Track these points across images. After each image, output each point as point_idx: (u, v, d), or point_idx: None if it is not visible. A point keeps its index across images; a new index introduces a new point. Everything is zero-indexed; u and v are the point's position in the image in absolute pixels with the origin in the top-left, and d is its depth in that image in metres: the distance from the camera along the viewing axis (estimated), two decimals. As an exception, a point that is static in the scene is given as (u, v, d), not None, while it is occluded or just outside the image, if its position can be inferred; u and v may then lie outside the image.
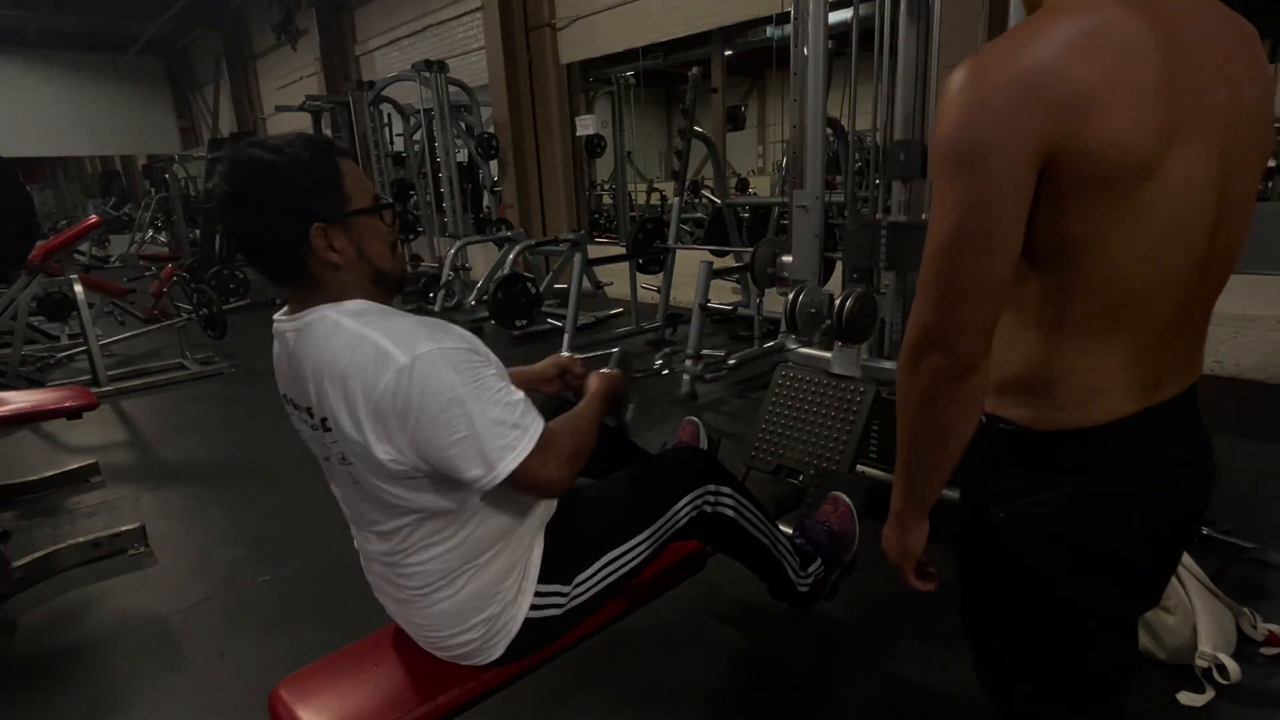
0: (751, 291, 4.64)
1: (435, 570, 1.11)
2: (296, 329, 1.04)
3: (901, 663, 1.77)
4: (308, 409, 1.07)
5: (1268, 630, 1.70)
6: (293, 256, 1.01)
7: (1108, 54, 0.64)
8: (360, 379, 0.96)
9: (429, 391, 0.95)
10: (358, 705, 1.13)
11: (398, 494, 1.05)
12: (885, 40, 2.23)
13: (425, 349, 0.96)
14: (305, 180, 0.99)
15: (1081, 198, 0.67)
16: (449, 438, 0.97)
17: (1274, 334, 3.58)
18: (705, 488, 1.36)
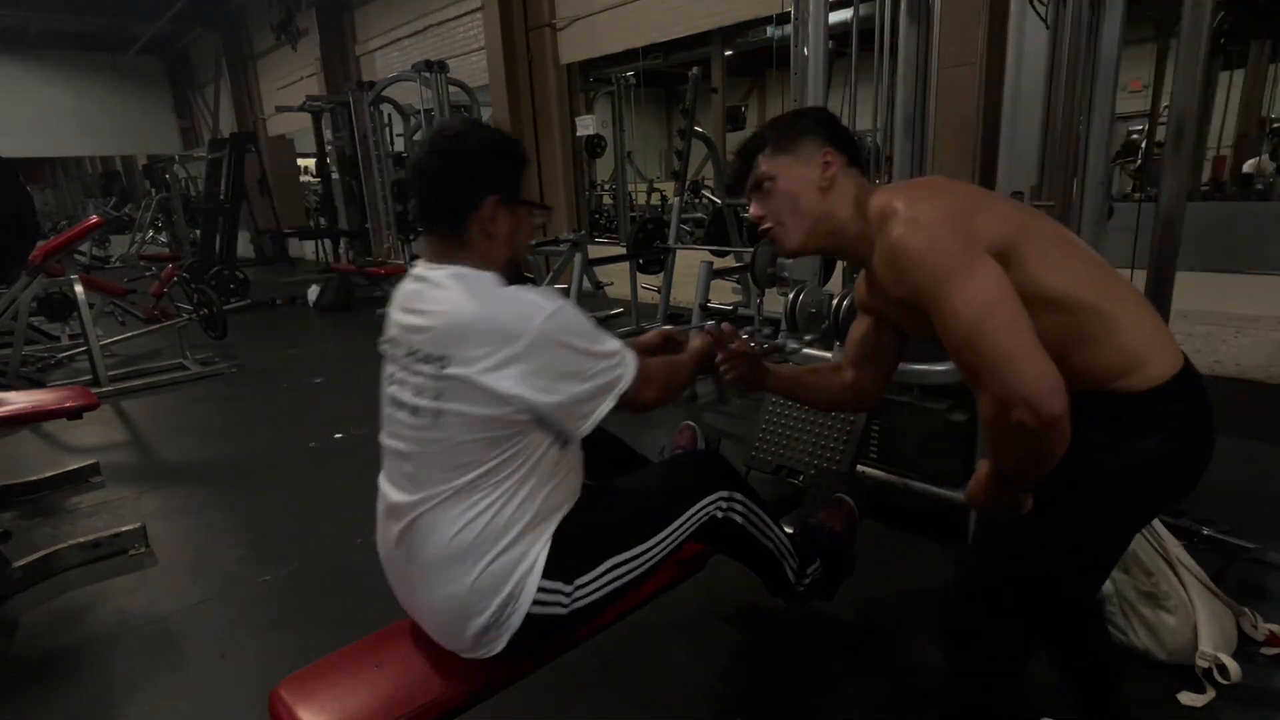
0: (752, 291, 4.64)
1: (460, 545, 1.13)
2: (443, 276, 1.16)
3: (901, 663, 1.77)
4: (417, 350, 1.14)
5: (1268, 630, 1.70)
6: (462, 212, 1.17)
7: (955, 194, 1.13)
8: (511, 323, 1.10)
9: (571, 331, 1.14)
10: (358, 705, 1.13)
11: (478, 435, 1.12)
12: (885, 40, 2.24)
13: (560, 303, 1.14)
14: (506, 161, 1.21)
15: (1017, 254, 1.05)
16: (587, 366, 1.15)
17: (1275, 334, 3.58)
18: (719, 494, 1.37)
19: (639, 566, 1.26)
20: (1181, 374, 1.02)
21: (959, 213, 1.01)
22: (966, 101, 2.42)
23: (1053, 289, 1.01)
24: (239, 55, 13.16)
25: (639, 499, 1.33)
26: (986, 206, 1.05)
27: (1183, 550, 1.73)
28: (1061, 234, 1.10)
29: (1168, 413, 1.02)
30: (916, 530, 2.31)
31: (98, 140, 15.83)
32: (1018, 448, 0.94)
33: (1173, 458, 1.03)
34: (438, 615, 1.19)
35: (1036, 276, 1.01)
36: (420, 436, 1.15)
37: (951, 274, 0.96)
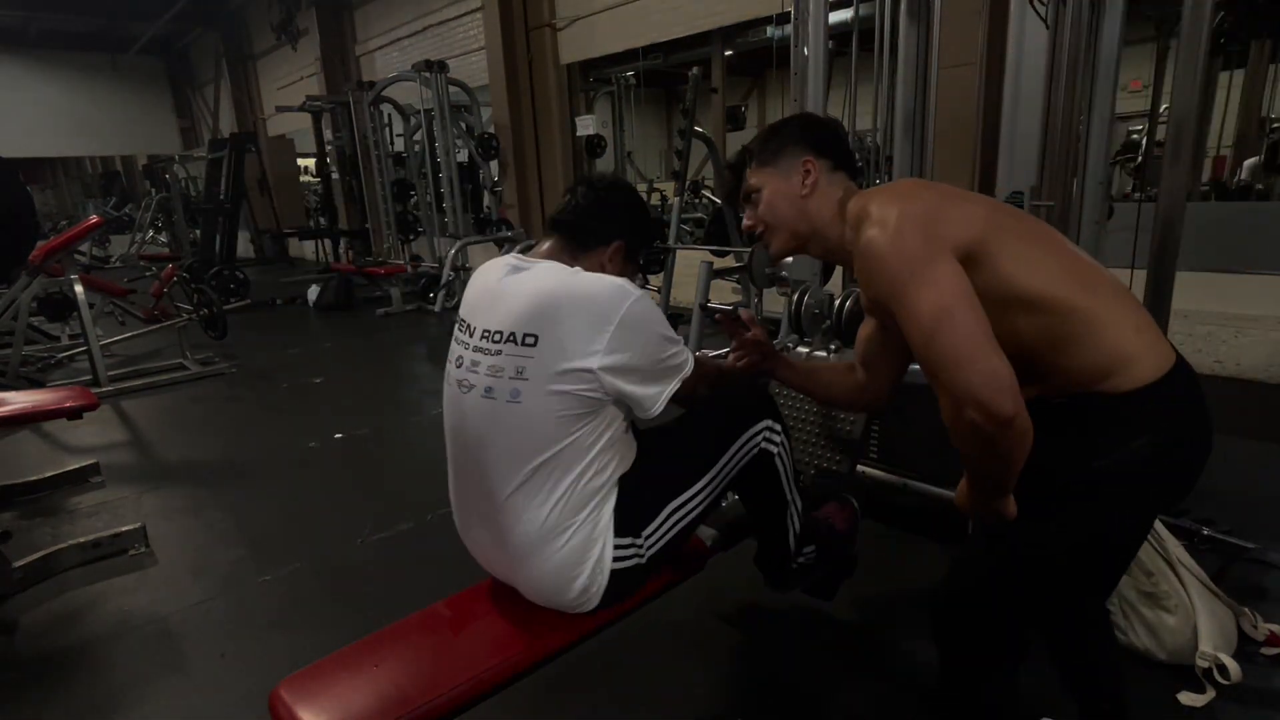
0: (751, 292, 4.63)
1: (548, 525, 1.21)
2: (544, 266, 1.25)
3: (902, 663, 1.77)
4: (497, 332, 1.21)
5: (1268, 630, 1.70)
6: (594, 240, 1.33)
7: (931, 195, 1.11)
8: (604, 302, 1.19)
9: (651, 317, 1.23)
10: (358, 705, 1.13)
11: (557, 411, 1.18)
12: (885, 40, 2.24)
13: (641, 291, 1.24)
14: (642, 216, 1.41)
15: (985, 256, 1.03)
16: (659, 349, 1.24)
17: (1275, 334, 3.58)
18: (766, 422, 1.40)
19: (698, 505, 1.34)
20: (1171, 374, 1.01)
21: (926, 215, 1.03)
22: (966, 101, 2.42)
23: (1027, 288, 1.01)
24: (239, 55, 13.15)
25: (687, 440, 1.39)
26: (958, 207, 1.06)
27: (1183, 550, 1.73)
28: (1044, 233, 1.11)
29: (1156, 413, 1.00)
30: (916, 530, 2.31)
31: (98, 140, 15.82)
32: (975, 447, 0.96)
33: (1163, 460, 1.01)
34: (537, 584, 1.26)
35: (1008, 276, 1.01)
36: (494, 418, 1.21)
37: (913, 275, 0.97)
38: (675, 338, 1.27)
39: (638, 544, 1.27)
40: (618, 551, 1.25)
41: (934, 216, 1.03)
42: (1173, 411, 1.02)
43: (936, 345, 0.94)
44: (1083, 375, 1.01)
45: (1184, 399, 1.03)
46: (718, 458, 1.36)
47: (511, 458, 1.20)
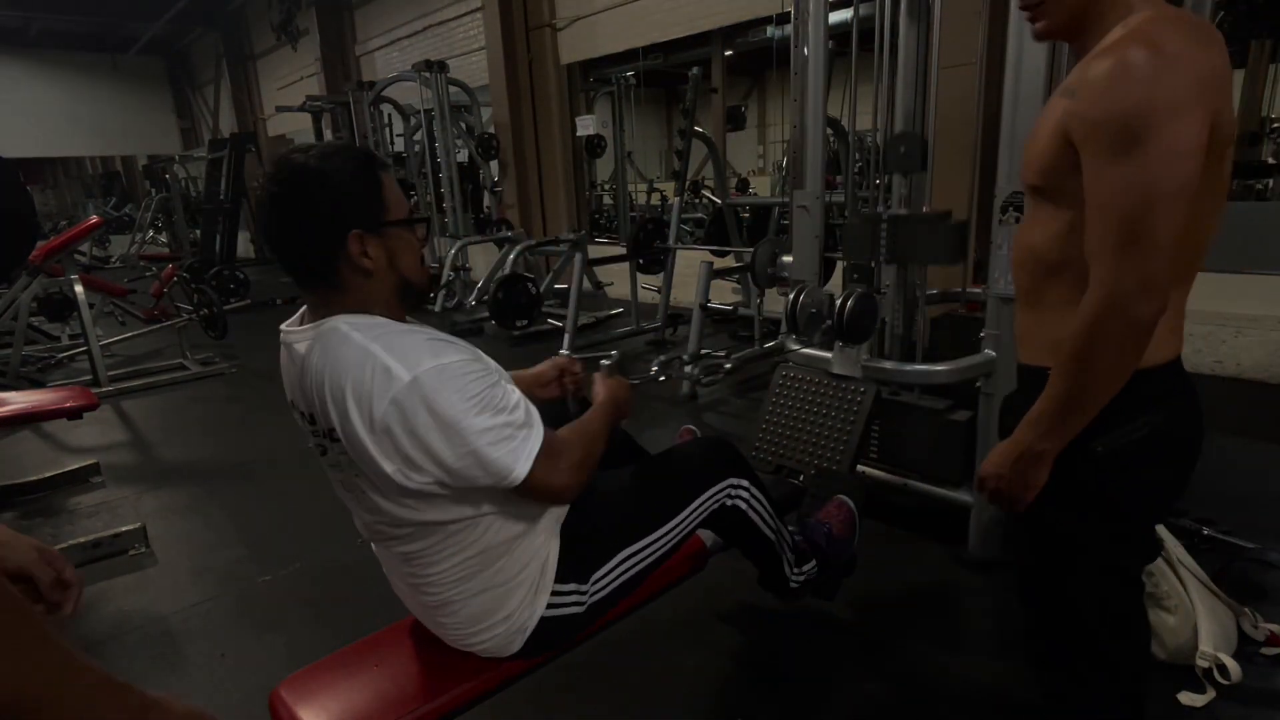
0: (752, 292, 4.64)
1: (452, 579, 1.13)
2: (308, 340, 1.05)
3: (901, 663, 1.77)
4: (313, 418, 1.08)
5: (1268, 630, 1.70)
6: (327, 260, 1.03)
7: (1223, 58, 0.86)
8: (366, 395, 0.98)
9: (433, 409, 0.97)
10: (358, 705, 1.13)
11: (407, 506, 1.06)
12: (885, 40, 2.23)
13: (426, 366, 0.98)
14: (348, 188, 1.02)
15: (1203, 164, 0.84)
16: (457, 450, 1.00)
17: (1275, 334, 3.58)
18: (729, 481, 1.38)
19: (652, 555, 1.28)
20: (1177, 360, 1.01)
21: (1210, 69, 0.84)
22: (966, 101, 2.42)
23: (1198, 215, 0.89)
24: (239, 55, 13.15)
25: (648, 488, 1.33)
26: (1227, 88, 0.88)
27: (1183, 550, 1.73)
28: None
29: (1158, 397, 0.98)
30: (916, 530, 2.31)
31: (98, 140, 15.81)
32: (1116, 349, 0.89)
33: (1160, 443, 0.99)
34: (448, 629, 1.19)
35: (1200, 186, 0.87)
36: (369, 505, 1.09)
37: (1164, 125, 0.82)
38: (493, 416, 1.00)
39: (581, 590, 1.19)
40: (554, 599, 1.17)
41: (1215, 76, 0.85)
42: (1174, 397, 1.00)
43: (1146, 225, 0.83)
44: None
45: (1184, 388, 1.01)
46: (677, 512, 1.30)
47: (402, 532, 1.11)
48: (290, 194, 1.01)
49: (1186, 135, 0.82)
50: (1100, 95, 0.84)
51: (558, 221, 7.60)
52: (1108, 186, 0.85)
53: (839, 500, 1.75)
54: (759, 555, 1.51)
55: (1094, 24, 0.93)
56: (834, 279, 3.72)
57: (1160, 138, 0.81)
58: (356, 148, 1.08)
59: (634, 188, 9.29)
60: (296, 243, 1.03)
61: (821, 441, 2.13)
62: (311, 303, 1.09)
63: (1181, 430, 1.00)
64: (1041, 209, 1.00)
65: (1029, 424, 0.98)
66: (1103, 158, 0.85)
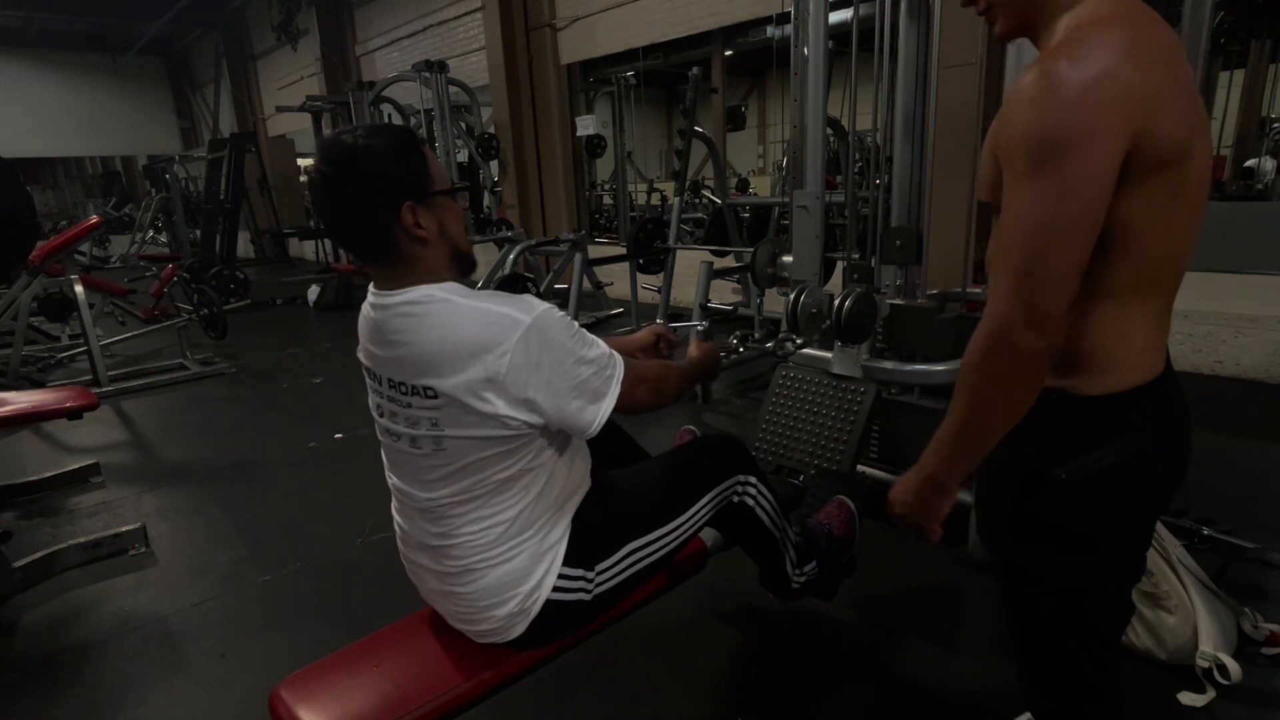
0: (752, 291, 4.64)
1: (480, 543, 1.15)
2: (399, 304, 1.10)
3: (901, 663, 1.77)
4: (400, 383, 1.12)
5: (1269, 630, 1.70)
6: (385, 233, 1.09)
7: (1160, 58, 0.77)
8: (487, 344, 1.05)
9: (554, 343, 1.08)
10: (358, 705, 1.13)
11: (485, 454, 1.11)
12: (885, 40, 2.23)
13: (540, 310, 1.08)
14: (396, 162, 1.08)
15: (1142, 182, 0.78)
16: (575, 376, 1.11)
17: (1274, 334, 3.58)
18: (737, 478, 1.39)
19: (659, 550, 1.29)
20: (1156, 381, 0.91)
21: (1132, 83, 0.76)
22: (966, 101, 2.42)
23: (1151, 237, 0.84)
24: (239, 55, 13.16)
25: (658, 484, 1.35)
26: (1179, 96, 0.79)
27: (1183, 550, 1.73)
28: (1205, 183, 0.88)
29: (1129, 422, 0.90)
30: (916, 530, 2.30)
31: (98, 140, 15.81)
32: (1004, 376, 0.84)
33: (1127, 472, 0.91)
34: (460, 603, 1.20)
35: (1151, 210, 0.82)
36: (426, 464, 1.14)
37: (1063, 148, 0.76)
38: (592, 356, 1.13)
39: (587, 577, 1.21)
40: (562, 582, 1.19)
41: (1146, 90, 0.76)
42: (1149, 422, 0.91)
43: (1042, 254, 0.78)
44: (1074, 358, 0.89)
45: (1162, 410, 0.93)
46: (686, 508, 1.32)
47: (447, 493, 1.15)
48: (344, 173, 1.06)
49: (1093, 163, 0.75)
50: (1015, 114, 0.79)
51: (558, 221, 7.60)
52: (1009, 209, 0.80)
53: (839, 500, 1.75)
54: (763, 553, 1.51)
55: (1046, 22, 0.88)
56: (834, 279, 3.72)
57: (1064, 164, 0.75)
58: (398, 126, 1.18)
59: (634, 188, 9.29)
60: (355, 220, 1.09)
61: (821, 441, 2.13)
62: (381, 277, 1.14)
63: (1158, 457, 0.92)
64: (996, 224, 0.95)
65: (931, 451, 0.95)
66: (1012, 177, 0.80)
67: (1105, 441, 0.89)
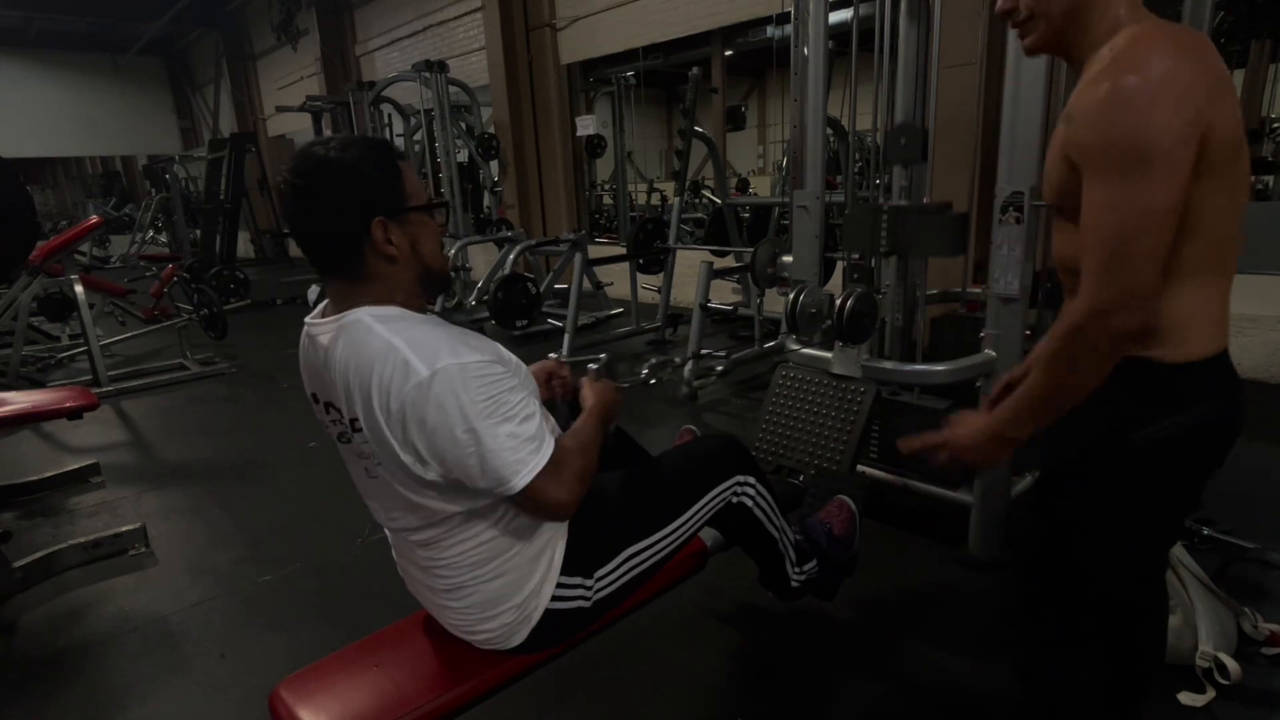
0: (752, 291, 4.64)
1: (466, 563, 1.14)
2: (332, 331, 1.06)
3: (901, 663, 1.76)
4: (338, 409, 1.09)
5: (1269, 630, 1.70)
6: (352, 248, 1.05)
7: (1213, 65, 0.88)
8: (385, 386, 1.00)
9: (445, 407, 0.99)
10: (358, 705, 1.13)
11: (424, 496, 1.08)
12: (885, 40, 2.23)
13: (445, 363, 0.99)
14: (369, 176, 1.04)
15: (1210, 174, 0.89)
16: (462, 451, 1.01)
17: (1274, 334, 3.58)
18: (736, 479, 1.39)
19: (658, 553, 1.28)
20: (1223, 354, 1.01)
21: (1197, 87, 0.87)
22: (966, 101, 2.42)
23: (1215, 222, 0.93)
24: (239, 55, 13.15)
25: (656, 486, 1.34)
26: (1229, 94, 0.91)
27: (1183, 550, 1.73)
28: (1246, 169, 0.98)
29: (1199, 391, 1.00)
30: (916, 530, 2.31)
31: (98, 140, 15.81)
32: (1094, 357, 0.94)
33: (1194, 439, 1.01)
34: (455, 616, 1.20)
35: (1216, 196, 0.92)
36: (386, 494, 1.12)
37: (1145, 157, 0.86)
38: (505, 425, 1.01)
39: (586, 585, 1.20)
40: (560, 590, 1.18)
41: (1206, 88, 0.87)
42: (1220, 391, 1.02)
43: (1130, 244, 0.88)
44: (1158, 329, 0.96)
45: (1229, 381, 1.03)
46: (683, 510, 1.31)
47: (417, 522, 1.13)
48: (314, 185, 1.03)
49: (1174, 163, 0.86)
50: (1093, 122, 0.89)
51: (558, 221, 7.60)
52: (1099, 206, 0.90)
53: (839, 500, 1.75)
54: (762, 553, 1.51)
55: (1080, 38, 0.98)
56: (834, 279, 3.72)
57: (1151, 165, 0.85)
58: (374, 138, 1.11)
59: (634, 188, 9.29)
60: (322, 232, 1.06)
61: (821, 441, 2.13)
62: (336, 292, 1.10)
63: (1224, 423, 1.02)
64: (1064, 222, 1.04)
65: (1007, 410, 1.04)
66: (1094, 181, 0.90)
67: (1185, 405, 0.98)
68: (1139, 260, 0.88)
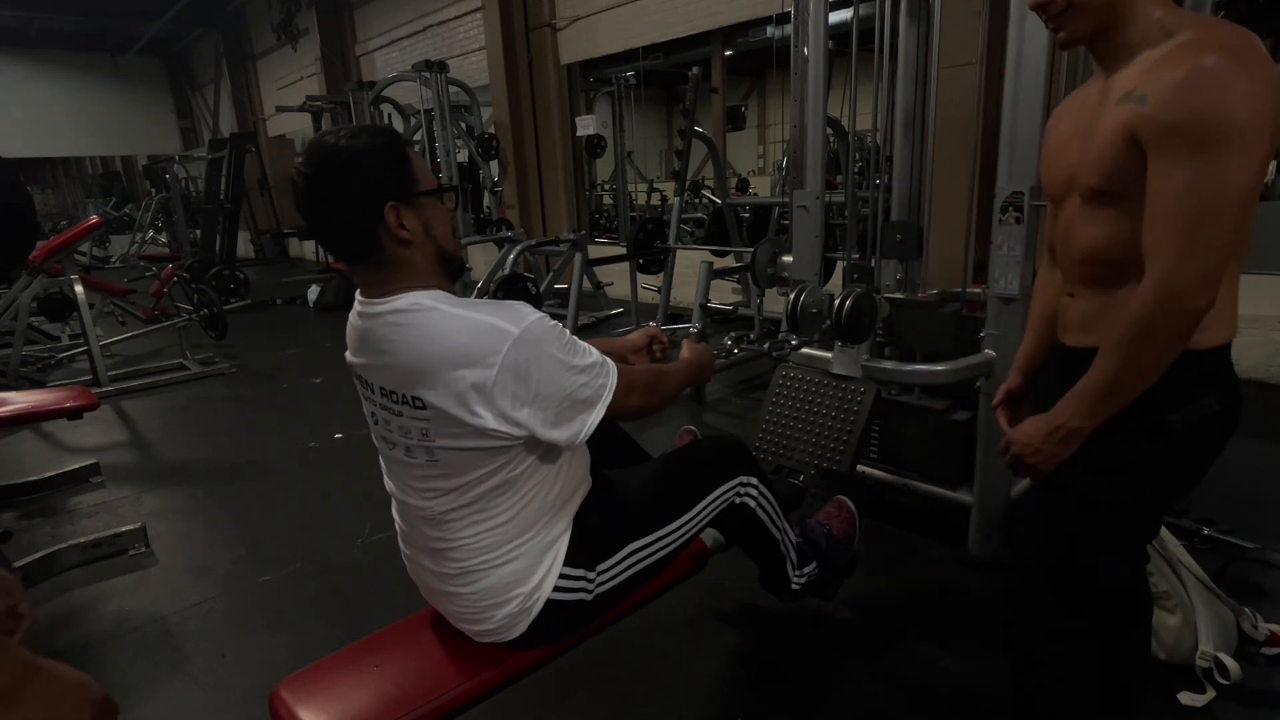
0: (752, 291, 4.64)
1: (480, 545, 1.15)
2: (386, 313, 1.08)
3: (901, 663, 1.77)
4: (391, 391, 1.11)
5: (1269, 630, 1.70)
6: (368, 235, 1.07)
7: (1268, 58, 0.89)
8: (474, 355, 1.03)
9: (543, 354, 1.06)
10: (358, 705, 1.13)
11: (477, 463, 1.10)
12: (885, 40, 2.24)
13: (528, 320, 1.06)
14: (379, 163, 1.07)
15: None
16: (565, 386, 1.08)
17: (1275, 334, 3.58)
18: (739, 479, 1.40)
19: (660, 550, 1.29)
20: (1232, 342, 1.04)
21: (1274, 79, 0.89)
22: (966, 101, 2.42)
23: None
24: (239, 55, 13.15)
25: (660, 484, 1.35)
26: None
27: (1183, 550, 1.73)
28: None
29: (1223, 375, 1.04)
30: (916, 530, 2.31)
31: (98, 140, 15.81)
32: (1167, 339, 0.94)
33: (1222, 421, 1.04)
34: (461, 603, 1.20)
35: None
36: (420, 473, 1.15)
37: (1239, 138, 0.86)
38: (584, 364, 1.11)
39: (588, 577, 1.21)
40: (563, 582, 1.19)
41: (1275, 82, 0.88)
42: (1233, 376, 1.05)
43: (1208, 224, 0.88)
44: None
45: (1232, 370, 1.06)
46: (687, 509, 1.33)
47: (444, 501, 1.14)
48: (325, 175, 1.05)
49: (1256, 144, 0.86)
50: (1175, 98, 0.87)
51: (558, 221, 7.60)
52: (1177, 186, 0.89)
53: (839, 501, 1.75)
54: (764, 555, 1.52)
55: (1115, 31, 0.98)
56: (834, 279, 3.72)
57: (1232, 144, 0.85)
58: (382, 126, 1.14)
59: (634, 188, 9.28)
60: (337, 221, 1.08)
61: (821, 441, 2.13)
62: (366, 282, 1.12)
63: (1238, 405, 1.05)
64: (1103, 211, 1.03)
65: (1070, 403, 1.03)
66: (1173, 158, 0.89)
67: (1216, 388, 1.02)
68: (1217, 241, 0.88)
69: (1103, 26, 0.99)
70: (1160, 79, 0.90)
